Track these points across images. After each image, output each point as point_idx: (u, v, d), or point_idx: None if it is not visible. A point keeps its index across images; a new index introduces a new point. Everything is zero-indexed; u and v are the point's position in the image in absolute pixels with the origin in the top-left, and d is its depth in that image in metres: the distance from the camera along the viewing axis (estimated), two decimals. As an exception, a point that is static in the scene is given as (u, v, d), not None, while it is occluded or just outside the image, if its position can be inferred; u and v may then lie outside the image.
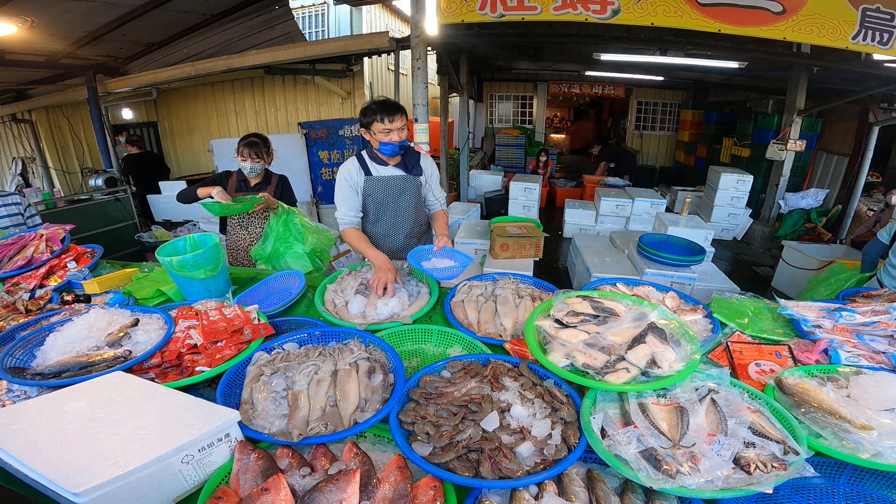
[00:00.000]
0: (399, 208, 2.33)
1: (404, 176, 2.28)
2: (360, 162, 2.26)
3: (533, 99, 11.23)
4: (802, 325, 1.64)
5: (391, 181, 2.27)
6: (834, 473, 1.08)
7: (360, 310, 1.78)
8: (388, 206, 2.32)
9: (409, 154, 2.29)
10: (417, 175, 2.30)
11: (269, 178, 2.86)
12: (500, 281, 2.01)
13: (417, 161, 2.31)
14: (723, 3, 3.70)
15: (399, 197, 2.31)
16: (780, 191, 6.46)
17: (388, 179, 2.27)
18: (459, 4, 4.05)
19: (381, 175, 2.26)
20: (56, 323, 1.53)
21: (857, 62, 4.62)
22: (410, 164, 2.28)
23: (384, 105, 2.08)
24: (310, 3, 10.54)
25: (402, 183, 2.29)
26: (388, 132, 2.09)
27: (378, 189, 2.27)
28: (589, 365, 1.25)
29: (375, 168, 2.26)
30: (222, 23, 5.86)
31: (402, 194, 2.30)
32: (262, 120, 7.76)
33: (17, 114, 7.25)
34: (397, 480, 0.98)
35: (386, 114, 2.06)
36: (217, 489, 0.96)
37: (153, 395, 1.14)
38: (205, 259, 1.83)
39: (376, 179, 2.26)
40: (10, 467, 0.90)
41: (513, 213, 6.89)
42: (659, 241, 3.85)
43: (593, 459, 1.10)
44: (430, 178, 2.35)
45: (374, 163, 2.26)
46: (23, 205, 3.04)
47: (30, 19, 4.41)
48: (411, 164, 2.28)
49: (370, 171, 2.25)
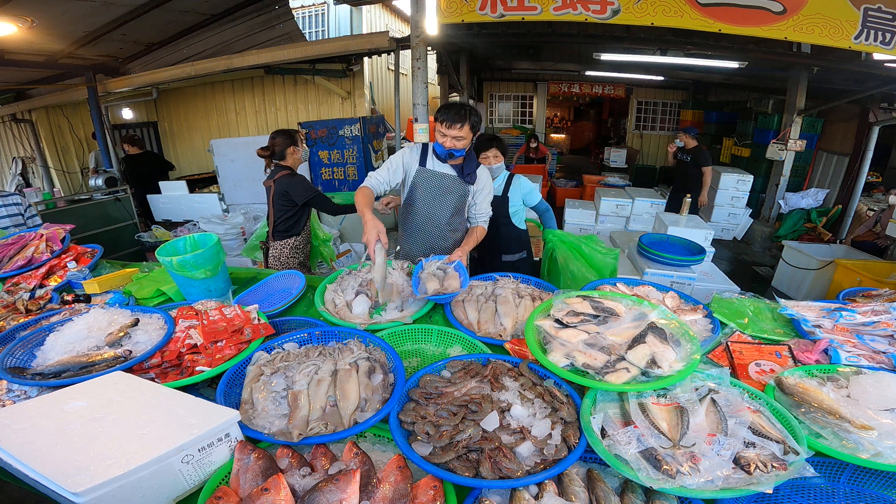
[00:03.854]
0: (438, 207, 2.32)
1: (455, 178, 2.28)
2: (422, 150, 2.29)
3: (533, 99, 11.23)
4: (802, 325, 1.63)
5: (439, 178, 2.27)
6: (834, 473, 1.08)
7: (364, 310, 1.77)
8: (428, 200, 2.31)
9: (470, 161, 2.29)
10: (469, 183, 2.30)
11: None
12: (500, 281, 2.01)
13: (475, 170, 2.30)
14: (723, 3, 3.70)
15: (441, 196, 2.30)
16: (780, 191, 6.46)
17: (438, 175, 2.27)
18: (459, 4, 4.05)
19: (434, 169, 2.28)
20: (56, 323, 1.53)
21: (857, 62, 4.62)
22: (467, 171, 2.27)
23: (448, 109, 2.10)
24: (310, 3, 10.54)
25: (449, 183, 2.28)
26: (443, 136, 2.11)
27: (424, 181, 2.28)
28: (589, 365, 1.25)
29: (432, 161, 2.28)
30: (222, 23, 5.86)
31: (446, 194, 2.29)
32: (262, 120, 7.77)
33: (17, 114, 7.26)
34: (397, 480, 0.98)
35: (446, 118, 2.08)
36: (217, 489, 0.96)
37: (153, 395, 1.14)
38: (205, 259, 1.83)
39: (427, 171, 2.27)
40: (11, 467, 0.90)
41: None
42: (659, 241, 3.84)
43: (593, 459, 1.10)
44: (480, 190, 2.34)
45: (434, 157, 2.27)
46: (23, 205, 3.04)
47: (30, 19, 4.41)
48: (468, 170, 2.28)
49: (426, 162, 2.28)
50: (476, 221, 2.40)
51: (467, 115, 2.09)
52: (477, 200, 2.35)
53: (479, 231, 2.35)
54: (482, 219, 2.39)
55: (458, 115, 2.07)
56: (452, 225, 2.38)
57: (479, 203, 2.36)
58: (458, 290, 1.79)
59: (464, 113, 2.08)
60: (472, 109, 2.13)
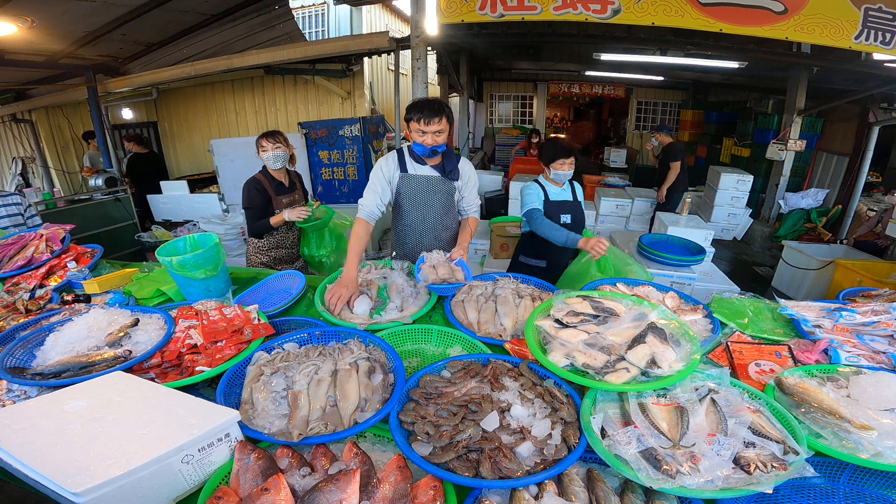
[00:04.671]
0: (429, 209, 2.30)
1: (439, 178, 2.25)
2: (399, 157, 2.24)
3: (533, 99, 11.24)
4: (802, 325, 1.64)
5: (425, 181, 2.24)
6: (834, 473, 1.08)
7: (365, 311, 1.77)
8: (418, 205, 2.29)
9: (449, 157, 2.25)
10: (454, 179, 2.27)
11: (292, 176, 2.80)
12: (500, 281, 2.00)
13: (456, 165, 2.27)
14: (724, 3, 3.70)
15: (431, 198, 2.27)
16: (780, 191, 6.46)
17: (423, 179, 2.24)
18: (459, 4, 4.05)
19: (416, 173, 2.24)
20: (56, 323, 1.53)
21: (857, 62, 4.62)
22: (449, 168, 2.24)
23: (423, 105, 2.04)
24: (310, 3, 10.53)
25: (435, 184, 2.25)
26: (423, 134, 2.06)
27: (411, 187, 2.25)
28: (589, 365, 1.25)
29: (412, 165, 2.24)
30: (222, 23, 5.86)
31: (435, 195, 2.27)
32: (262, 120, 7.76)
33: (17, 114, 7.25)
34: (397, 480, 0.98)
35: (423, 115, 2.02)
36: (217, 489, 0.96)
37: (153, 395, 1.14)
38: (205, 259, 1.83)
39: (411, 177, 2.24)
40: (11, 467, 0.90)
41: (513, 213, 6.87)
42: (659, 241, 3.84)
43: (593, 459, 1.10)
44: (466, 183, 2.32)
45: (413, 160, 2.23)
46: (23, 205, 3.04)
47: (30, 19, 4.41)
48: (450, 167, 2.24)
49: (406, 167, 2.23)
50: (467, 214, 2.39)
51: (442, 107, 2.05)
52: (464, 194, 2.33)
53: (472, 222, 2.34)
54: (472, 210, 2.38)
55: (434, 109, 2.03)
56: (448, 224, 2.37)
57: (467, 196, 2.34)
58: (462, 281, 1.78)
59: (437, 106, 2.04)
60: (443, 102, 2.09)
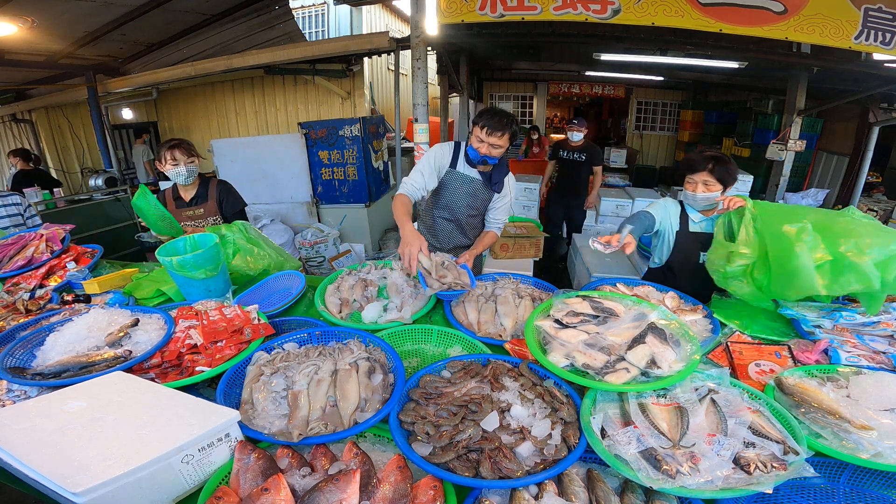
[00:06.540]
0: (462, 208, 2.34)
1: (481, 183, 2.28)
2: (454, 150, 2.27)
3: (533, 99, 11.22)
4: (802, 325, 1.63)
5: (467, 181, 2.28)
6: (834, 473, 1.08)
7: (374, 317, 1.73)
8: (453, 201, 2.33)
9: (499, 170, 2.27)
10: (495, 191, 2.30)
11: (207, 186, 2.55)
12: (500, 281, 2.01)
13: (502, 179, 2.29)
14: (724, 3, 3.69)
15: (466, 199, 2.32)
16: (780, 191, 6.45)
17: (465, 179, 2.28)
18: (459, 4, 4.04)
19: (461, 172, 2.28)
20: (56, 323, 1.53)
21: (857, 62, 4.62)
22: (495, 179, 2.26)
23: (491, 116, 2.05)
24: (310, 3, 10.54)
25: (475, 188, 2.29)
26: (481, 141, 2.08)
27: (452, 182, 2.29)
28: (589, 365, 1.25)
29: (462, 164, 2.27)
30: (222, 23, 5.86)
31: (470, 198, 2.31)
32: (261, 120, 7.77)
33: (17, 114, 7.26)
34: (397, 480, 0.97)
35: (488, 125, 2.03)
36: (217, 489, 0.96)
37: (153, 395, 1.14)
38: (205, 259, 1.82)
39: (456, 173, 2.28)
40: (11, 467, 0.90)
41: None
42: (659, 241, 3.84)
43: (593, 459, 1.10)
44: (502, 197, 2.34)
45: (465, 159, 2.26)
46: (23, 205, 3.04)
47: (30, 19, 4.42)
48: (496, 179, 2.27)
49: (456, 164, 2.27)
50: (490, 226, 2.41)
51: (509, 125, 2.05)
52: (496, 206, 2.36)
53: (491, 236, 2.37)
54: (496, 225, 2.40)
55: (501, 123, 2.03)
56: (474, 227, 2.43)
57: (498, 209, 2.37)
58: (467, 286, 1.78)
59: (506, 121, 2.04)
60: (514, 119, 2.09)
